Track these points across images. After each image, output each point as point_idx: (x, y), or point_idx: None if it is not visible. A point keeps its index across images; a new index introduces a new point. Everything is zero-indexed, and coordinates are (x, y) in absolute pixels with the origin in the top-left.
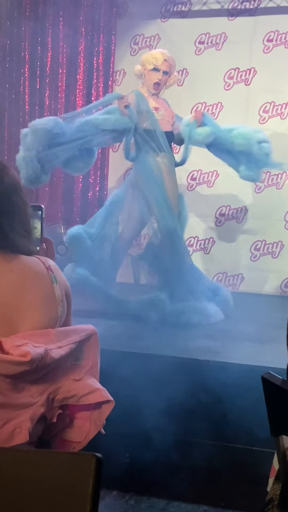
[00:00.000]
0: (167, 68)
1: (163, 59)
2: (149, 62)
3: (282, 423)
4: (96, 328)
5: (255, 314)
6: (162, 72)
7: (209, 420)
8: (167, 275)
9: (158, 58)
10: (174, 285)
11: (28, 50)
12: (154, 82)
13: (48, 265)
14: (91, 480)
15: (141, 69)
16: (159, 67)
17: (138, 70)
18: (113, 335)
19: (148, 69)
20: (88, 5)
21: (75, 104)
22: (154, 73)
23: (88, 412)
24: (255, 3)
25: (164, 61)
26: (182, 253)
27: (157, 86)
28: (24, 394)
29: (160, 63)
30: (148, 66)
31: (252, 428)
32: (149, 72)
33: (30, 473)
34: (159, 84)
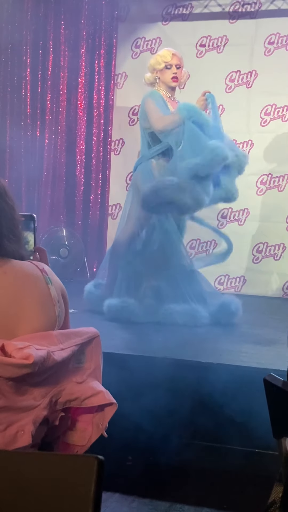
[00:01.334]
0: (178, 61)
1: (171, 54)
2: (159, 62)
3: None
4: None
5: (257, 316)
6: (175, 66)
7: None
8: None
9: (166, 55)
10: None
11: (29, 54)
12: (172, 76)
13: (42, 268)
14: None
15: (154, 74)
16: (171, 63)
17: (150, 77)
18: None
19: (160, 69)
20: (90, 8)
21: (76, 107)
22: (168, 70)
23: (90, 415)
24: (256, 6)
25: (173, 55)
26: (178, 256)
27: (175, 79)
28: (27, 397)
29: (170, 59)
30: (159, 67)
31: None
32: (162, 71)
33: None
34: (176, 77)
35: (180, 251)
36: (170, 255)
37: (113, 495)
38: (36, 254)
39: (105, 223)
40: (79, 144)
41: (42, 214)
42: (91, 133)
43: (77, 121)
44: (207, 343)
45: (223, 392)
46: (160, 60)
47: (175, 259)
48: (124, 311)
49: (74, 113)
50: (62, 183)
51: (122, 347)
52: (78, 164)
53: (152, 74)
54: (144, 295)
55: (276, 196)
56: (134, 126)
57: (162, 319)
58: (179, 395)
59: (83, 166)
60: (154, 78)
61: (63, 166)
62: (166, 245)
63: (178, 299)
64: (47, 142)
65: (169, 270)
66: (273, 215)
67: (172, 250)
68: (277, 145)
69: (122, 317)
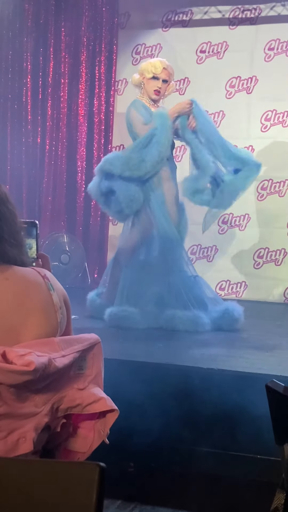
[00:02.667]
0: (166, 77)
1: (162, 68)
2: (148, 71)
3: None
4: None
5: (259, 322)
6: (161, 81)
7: (213, 428)
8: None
9: (158, 66)
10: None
11: (30, 60)
12: (154, 89)
13: (43, 274)
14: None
15: (140, 78)
16: (159, 76)
17: (136, 80)
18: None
19: (148, 77)
20: (90, 15)
21: (77, 113)
22: (154, 81)
23: (92, 421)
24: (256, 12)
25: (163, 69)
26: (179, 262)
27: (157, 93)
28: (28, 404)
29: (160, 72)
30: (148, 75)
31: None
32: (148, 80)
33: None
34: (159, 91)
35: (181, 257)
36: (171, 262)
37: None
38: (38, 261)
39: (106, 229)
40: (80, 150)
41: (43, 221)
42: (92, 139)
43: (78, 127)
44: (208, 349)
45: (225, 398)
46: (150, 69)
47: (176, 266)
48: (125, 319)
49: (74, 120)
50: (63, 189)
51: (122, 353)
52: (79, 170)
53: (139, 77)
54: (146, 303)
55: (276, 202)
56: None
57: (164, 325)
58: (181, 401)
59: (84, 172)
60: (140, 82)
61: (64, 173)
62: (167, 252)
63: (179, 305)
64: (48, 149)
65: (170, 277)
66: (274, 220)
67: (173, 256)
68: (277, 151)
69: (123, 325)
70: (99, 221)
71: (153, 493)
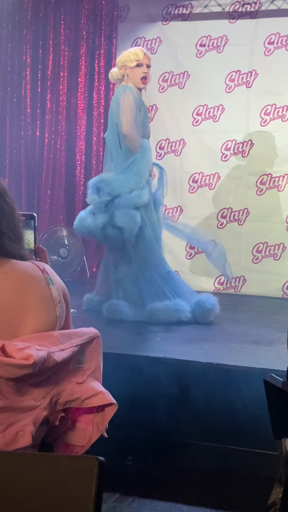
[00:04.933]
0: (149, 61)
1: (143, 53)
2: (131, 59)
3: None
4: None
5: (257, 316)
6: (145, 66)
7: (211, 422)
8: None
9: (139, 53)
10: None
11: (29, 54)
12: (141, 76)
13: (43, 268)
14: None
15: (122, 71)
16: (142, 62)
17: (118, 73)
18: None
19: (131, 66)
20: (89, 8)
21: (76, 107)
22: (139, 68)
23: (91, 415)
24: (256, 6)
25: (145, 55)
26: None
27: (144, 80)
28: (27, 397)
29: (142, 57)
30: (131, 64)
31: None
32: (132, 69)
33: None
34: (146, 78)
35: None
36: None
37: (113, 495)
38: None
39: None
40: (79, 144)
41: (42, 214)
42: (91, 133)
43: (77, 121)
44: (207, 343)
45: (223, 392)
46: (132, 58)
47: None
48: (116, 312)
49: (74, 113)
50: (62, 183)
51: (121, 347)
52: (78, 164)
53: (120, 70)
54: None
55: (276, 196)
56: None
57: (147, 319)
58: (179, 395)
59: (83, 166)
60: (122, 75)
61: (63, 166)
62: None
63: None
64: (47, 142)
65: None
66: (273, 215)
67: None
68: (277, 145)
69: (116, 317)
70: None
71: (152, 487)
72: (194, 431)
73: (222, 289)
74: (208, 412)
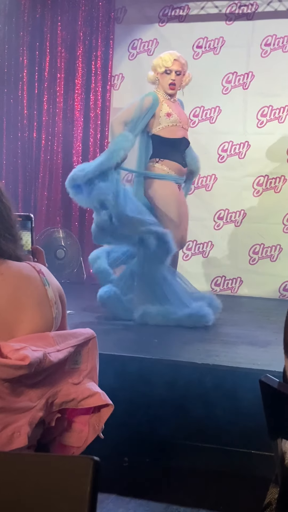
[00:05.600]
0: (179, 68)
1: (172, 60)
2: (160, 65)
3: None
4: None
5: (253, 318)
6: (174, 73)
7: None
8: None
9: (167, 59)
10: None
11: (26, 55)
12: (169, 83)
13: (39, 269)
14: (89, 484)
15: (154, 75)
16: (170, 68)
17: (151, 77)
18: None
19: (160, 72)
20: (86, 10)
21: (73, 108)
22: (167, 75)
23: (87, 416)
24: (252, 8)
25: (174, 61)
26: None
27: (173, 86)
28: (23, 398)
29: (171, 64)
30: (160, 70)
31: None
32: (161, 75)
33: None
34: (174, 84)
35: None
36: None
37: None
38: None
39: None
40: (75, 145)
41: (39, 215)
42: (88, 134)
43: (74, 122)
44: (203, 344)
45: (219, 393)
46: (161, 63)
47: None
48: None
49: (70, 114)
50: (58, 184)
51: (117, 348)
52: (75, 165)
53: (154, 74)
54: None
55: (272, 198)
56: None
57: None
58: (175, 397)
59: None
60: (155, 78)
61: (59, 168)
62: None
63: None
64: (44, 143)
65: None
66: (269, 216)
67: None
68: (273, 147)
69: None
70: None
71: (148, 488)
72: (190, 432)
73: (219, 290)
74: (205, 413)
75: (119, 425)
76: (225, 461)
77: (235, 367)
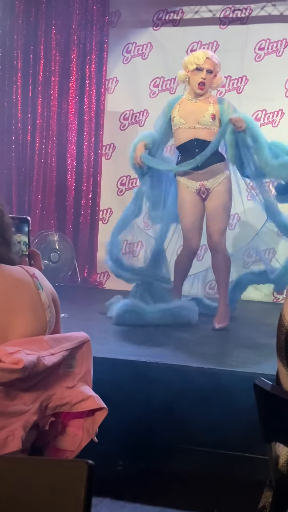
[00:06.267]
0: (211, 66)
1: (205, 57)
2: (191, 62)
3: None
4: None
5: (247, 321)
6: (205, 71)
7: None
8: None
9: (200, 57)
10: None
11: (20, 58)
12: (199, 82)
13: (32, 273)
14: (83, 488)
15: (185, 73)
16: (202, 66)
17: (182, 75)
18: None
19: (191, 69)
20: (81, 13)
21: (67, 112)
22: (198, 72)
23: (81, 419)
24: (246, 12)
25: (207, 59)
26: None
27: (202, 86)
28: (17, 402)
29: (202, 62)
30: (191, 67)
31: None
32: (192, 72)
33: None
34: (204, 83)
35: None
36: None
37: (104, 500)
38: (25, 258)
39: (96, 228)
40: (70, 148)
41: (33, 219)
42: (82, 138)
43: (68, 125)
44: (197, 348)
45: (213, 397)
46: (192, 61)
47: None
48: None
49: (65, 118)
50: (53, 187)
51: (114, 352)
52: (69, 168)
53: (184, 72)
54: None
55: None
56: (125, 131)
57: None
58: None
59: (74, 170)
60: (185, 77)
61: (54, 171)
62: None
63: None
64: (38, 147)
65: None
66: (263, 220)
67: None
68: None
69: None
70: (89, 219)
71: (142, 492)
72: (184, 436)
73: (213, 294)
74: (199, 417)
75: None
76: (220, 464)
77: (229, 370)
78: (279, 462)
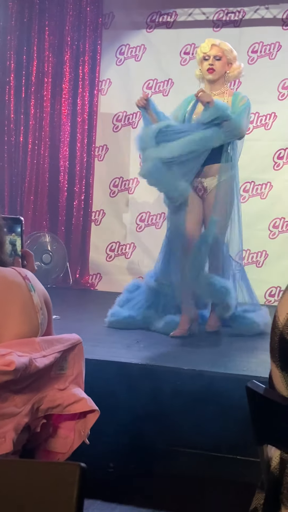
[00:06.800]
0: (218, 52)
1: (210, 45)
2: (198, 53)
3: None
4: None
5: None
6: (212, 57)
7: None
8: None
9: (205, 45)
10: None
11: (13, 59)
12: (207, 68)
13: (24, 275)
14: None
15: (199, 67)
16: (208, 54)
17: (197, 72)
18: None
19: (200, 60)
20: (74, 15)
21: (60, 113)
22: (205, 61)
23: (73, 422)
24: (240, 15)
25: (213, 45)
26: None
27: (211, 70)
28: (8, 404)
29: (208, 49)
30: (198, 58)
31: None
32: (201, 63)
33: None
34: (213, 69)
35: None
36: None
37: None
38: (18, 259)
39: (88, 229)
40: (62, 150)
41: (25, 220)
42: (75, 139)
43: (61, 127)
44: (190, 351)
45: (205, 399)
46: (199, 51)
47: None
48: None
49: (58, 119)
50: (45, 189)
51: (106, 354)
52: (62, 170)
53: (199, 67)
54: None
55: (258, 204)
56: (118, 133)
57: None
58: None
59: (67, 172)
60: (200, 72)
61: (46, 172)
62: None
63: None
64: (31, 148)
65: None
66: (255, 222)
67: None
68: (260, 153)
69: None
70: (81, 221)
71: (133, 494)
72: (176, 438)
73: None
74: (191, 419)
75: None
76: (211, 466)
77: (221, 372)
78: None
